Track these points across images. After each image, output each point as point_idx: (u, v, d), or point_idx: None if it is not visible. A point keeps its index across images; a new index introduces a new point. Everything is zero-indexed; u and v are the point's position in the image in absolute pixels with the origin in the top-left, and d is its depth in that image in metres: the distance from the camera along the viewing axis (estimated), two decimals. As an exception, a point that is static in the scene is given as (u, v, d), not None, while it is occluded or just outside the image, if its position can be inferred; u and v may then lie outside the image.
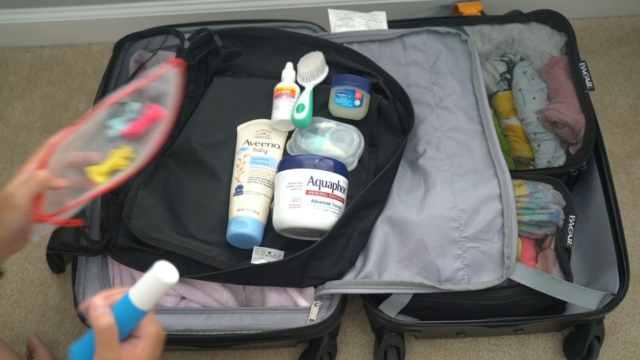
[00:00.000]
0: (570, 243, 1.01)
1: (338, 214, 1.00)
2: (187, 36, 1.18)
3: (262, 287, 1.03)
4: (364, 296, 1.04)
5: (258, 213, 1.04)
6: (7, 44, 1.55)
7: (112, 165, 0.87)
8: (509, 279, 0.99)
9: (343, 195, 1.02)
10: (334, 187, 1.01)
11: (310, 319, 1.00)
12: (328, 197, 1.00)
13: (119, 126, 0.89)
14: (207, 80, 1.21)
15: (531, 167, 1.14)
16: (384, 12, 1.28)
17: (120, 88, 0.89)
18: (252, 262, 1.02)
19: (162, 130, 0.88)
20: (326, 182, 1.00)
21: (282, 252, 1.03)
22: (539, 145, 1.15)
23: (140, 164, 0.88)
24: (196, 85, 1.19)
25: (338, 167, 1.02)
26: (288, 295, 1.02)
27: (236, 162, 1.10)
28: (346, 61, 1.18)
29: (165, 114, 0.89)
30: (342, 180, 1.02)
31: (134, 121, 0.89)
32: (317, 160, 1.01)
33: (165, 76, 0.89)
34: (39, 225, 0.84)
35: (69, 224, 0.85)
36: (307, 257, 0.98)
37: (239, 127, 1.14)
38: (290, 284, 1.01)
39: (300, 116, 1.10)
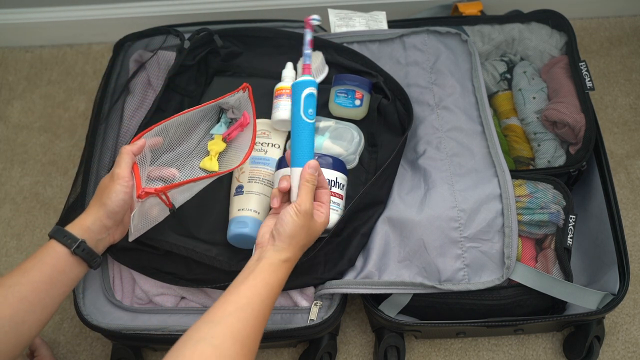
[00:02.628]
0: (570, 243, 1.01)
1: (337, 210, 1.00)
2: (187, 36, 1.19)
3: (262, 287, 1.03)
4: (364, 296, 1.04)
5: (258, 213, 1.04)
6: (7, 44, 1.56)
7: (217, 151, 1.05)
8: (509, 279, 0.99)
9: (342, 192, 1.02)
10: (332, 184, 1.00)
11: (310, 319, 1.00)
12: (326, 194, 1.00)
13: (220, 131, 1.07)
14: (207, 80, 1.21)
15: (531, 167, 1.14)
16: (384, 12, 1.28)
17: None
18: (252, 261, 1.02)
19: (252, 134, 1.02)
20: None
21: (282, 252, 1.03)
22: (539, 145, 1.15)
23: (241, 162, 0.99)
24: (196, 85, 1.19)
25: (336, 164, 1.02)
26: (288, 295, 1.02)
27: (236, 162, 1.10)
28: (346, 61, 1.18)
29: (250, 120, 1.03)
30: (341, 177, 1.02)
31: (231, 126, 1.07)
32: (315, 157, 1.01)
33: (236, 95, 1.05)
34: (137, 208, 0.87)
35: (164, 193, 0.88)
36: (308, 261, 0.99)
37: (239, 127, 1.14)
38: (290, 284, 1.01)
39: (300, 116, 1.10)
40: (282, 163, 1.04)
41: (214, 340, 0.71)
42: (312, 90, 0.96)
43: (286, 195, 0.94)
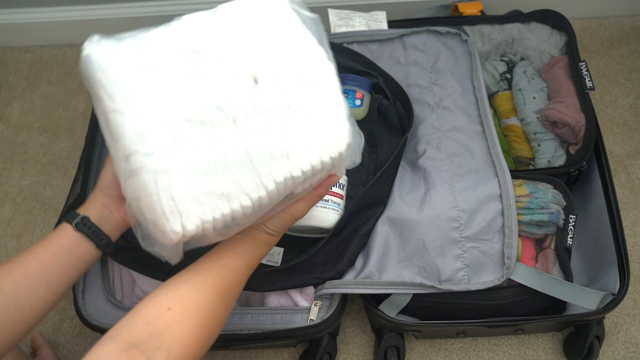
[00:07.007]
0: (571, 243, 1.01)
1: (337, 210, 1.00)
2: (187, 36, 1.18)
3: (262, 287, 1.03)
4: (364, 296, 1.04)
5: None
6: (7, 44, 1.55)
7: None
8: (509, 279, 0.99)
9: (342, 192, 1.02)
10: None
11: (310, 319, 1.00)
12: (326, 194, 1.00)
13: None
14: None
15: (531, 167, 1.14)
16: (384, 12, 1.28)
17: None
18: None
19: None
20: None
21: (282, 250, 1.03)
22: (539, 145, 1.15)
23: None
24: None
25: None
26: (288, 295, 1.02)
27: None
28: (346, 61, 1.18)
29: None
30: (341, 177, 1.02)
31: None
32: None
33: None
34: None
35: None
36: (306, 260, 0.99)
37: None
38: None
39: (300, 116, 1.10)
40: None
41: (195, 285, 0.76)
42: None
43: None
